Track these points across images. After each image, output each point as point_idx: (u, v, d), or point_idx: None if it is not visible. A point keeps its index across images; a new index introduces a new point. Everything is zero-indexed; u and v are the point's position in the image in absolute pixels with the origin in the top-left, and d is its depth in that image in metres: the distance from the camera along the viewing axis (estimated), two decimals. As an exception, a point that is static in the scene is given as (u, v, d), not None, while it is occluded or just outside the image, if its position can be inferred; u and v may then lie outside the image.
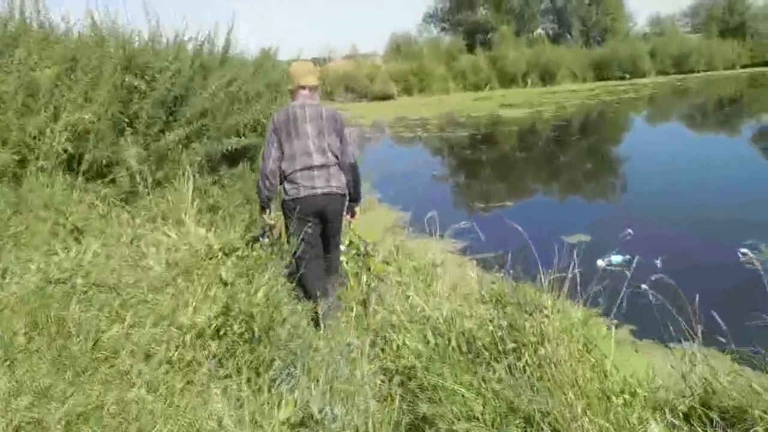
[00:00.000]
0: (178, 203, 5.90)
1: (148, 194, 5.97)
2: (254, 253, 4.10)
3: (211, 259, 4.29)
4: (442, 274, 5.12)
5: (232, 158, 8.07)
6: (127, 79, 6.98)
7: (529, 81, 36.60)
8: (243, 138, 7.62)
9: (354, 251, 4.48)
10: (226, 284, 3.83)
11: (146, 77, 7.23)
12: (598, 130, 19.31)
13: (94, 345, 2.78)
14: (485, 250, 7.23)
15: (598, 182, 11.93)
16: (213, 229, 5.59)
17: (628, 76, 38.00)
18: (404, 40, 41.93)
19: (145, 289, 3.86)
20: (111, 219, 5.70)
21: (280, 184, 4.17)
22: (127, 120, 6.87)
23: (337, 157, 4.15)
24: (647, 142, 15.69)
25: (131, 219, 5.58)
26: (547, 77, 37.14)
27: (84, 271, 4.01)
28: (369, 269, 4.43)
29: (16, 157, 5.44)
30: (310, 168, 4.04)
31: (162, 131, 7.03)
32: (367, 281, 4.29)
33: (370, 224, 8.60)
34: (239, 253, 4.30)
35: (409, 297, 4.24)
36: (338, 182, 4.15)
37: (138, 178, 6.12)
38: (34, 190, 5.38)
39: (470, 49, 39.32)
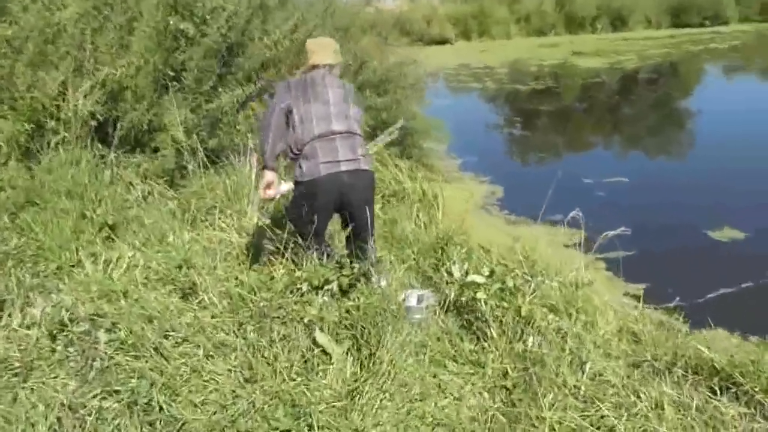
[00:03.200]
0: (238, 186, 4.55)
1: (201, 174, 4.61)
2: (359, 296, 2.71)
3: (292, 292, 2.94)
4: (604, 307, 3.66)
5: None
6: (172, 22, 5.56)
7: (599, 26, 33.74)
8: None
9: (497, 285, 3.06)
10: (325, 353, 2.47)
11: (195, 19, 5.80)
12: (705, 86, 16.93)
13: None
14: (611, 246, 5.73)
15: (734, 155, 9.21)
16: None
17: (708, 23, 34.68)
18: (463, -21, 39.12)
19: (202, 350, 2.54)
20: (152, 206, 4.41)
21: (294, 160, 3.27)
22: (171, 73, 5.49)
23: (360, 130, 3.39)
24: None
25: (177, 210, 4.27)
26: (618, 23, 34.16)
27: (109, 313, 2.71)
28: (519, 313, 3.01)
29: (29, 127, 4.12)
30: (331, 135, 3.19)
31: (214, 87, 5.63)
32: (521, 337, 2.88)
33: (457, 202, 7.15)
34: (333, 285, 2.92)
35: (585, 363, 2.82)
36: (366, 155, 3.32)
37: (186, 151, 4.77)
38: (52, 171, 4.08)
39: (535, -10, 36.43)
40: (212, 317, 2.76)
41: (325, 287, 2.90)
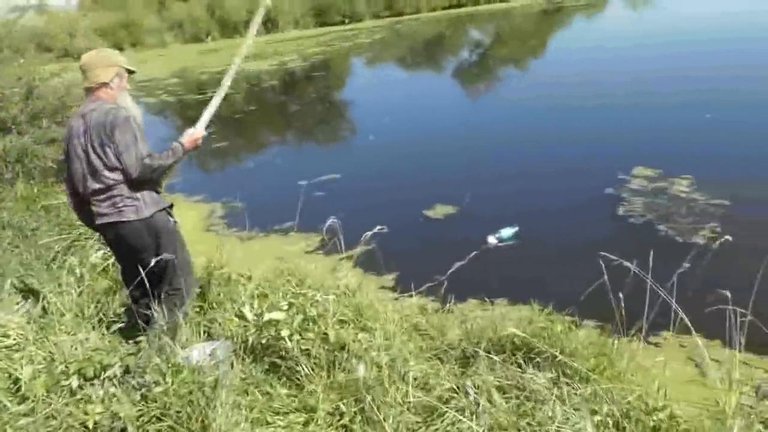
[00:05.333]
0: None
1: None
2: (162, 377, 2.18)
3: (59, 392, 2.25)
4: (381, 307, 3.66)
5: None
6: None
7: (253, 30, 34.68)
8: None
9: (299, 317, 2.77)
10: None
11: None
12: (359, 78, 18.49)
13: None
14: (351, 244, 5.80)
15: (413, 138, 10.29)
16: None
17: (347, 21, 38.21)
18: (100, -14, 36.21)
19: None
20: None
21: None
22: None
23: (123, 174, 3.06)
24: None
25: None
26: (270, 25, 35.52)
27: None
28: (326, 339, 2.80)
29: None
30: (91, 196, 3.09)
31: None
32: (337, 365, 2.66)
33: (185, 230, 6.46)
34: (115, 370, 2.33)
35: (406, 375, 2.77)
36: (129, 205, 3.06)
37: None
38: None
39: (183, -5, 35.69)
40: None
41: (106, 374, 2.30)
